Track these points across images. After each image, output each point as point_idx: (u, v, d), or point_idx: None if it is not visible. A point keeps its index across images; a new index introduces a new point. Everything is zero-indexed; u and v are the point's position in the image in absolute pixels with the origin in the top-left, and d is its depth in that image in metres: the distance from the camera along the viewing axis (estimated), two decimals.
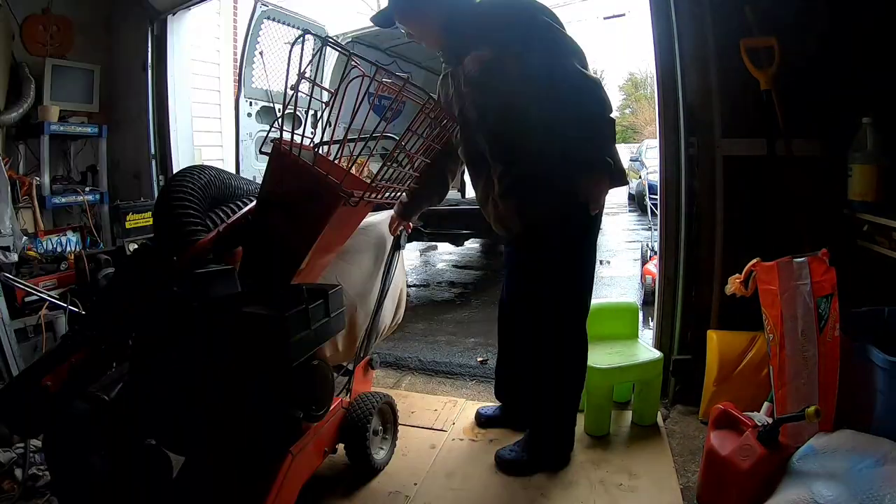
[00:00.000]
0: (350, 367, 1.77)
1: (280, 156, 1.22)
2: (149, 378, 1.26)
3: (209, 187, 1.32)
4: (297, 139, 1.23)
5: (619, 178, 1.54)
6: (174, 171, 3.05)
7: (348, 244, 1.57)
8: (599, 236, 1.74)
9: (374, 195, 1.30)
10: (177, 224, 1.21)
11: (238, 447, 1.26)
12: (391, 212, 1.83)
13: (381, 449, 1.72)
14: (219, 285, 1.15)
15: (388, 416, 1.77)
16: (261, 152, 1.99)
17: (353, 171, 1.35)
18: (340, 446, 1.61)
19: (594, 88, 1.42)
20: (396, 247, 1.85)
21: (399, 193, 1.44)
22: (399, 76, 1.22)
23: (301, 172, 1.20)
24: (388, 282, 1.80)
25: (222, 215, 1.34)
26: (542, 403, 1.70)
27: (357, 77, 1.14)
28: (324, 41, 1.20)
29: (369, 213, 1.62)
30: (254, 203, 1.38)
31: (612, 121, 1.48)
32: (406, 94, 1.21)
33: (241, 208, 1.39)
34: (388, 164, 1.27)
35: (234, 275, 1.19)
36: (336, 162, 1.29)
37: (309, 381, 1.31)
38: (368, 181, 1.30)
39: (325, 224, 1.24)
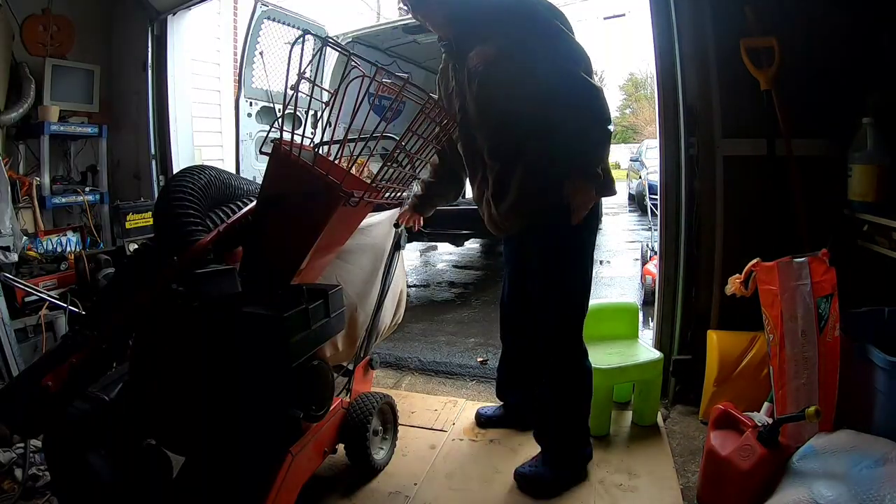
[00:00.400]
0: (350, 367, 1.77)
1: (280, 156, 1.22)
2: (149, 378, 1.25)
3: (209, 187, 1.33)
4: (298, 139, 1.24)
5: (608, 188, 1.53)
6: (174, 171, 3.06)
7: (347, 244, 1.57)
8: (600, 236, 1.74)
9: (374, 195, 1.30)
10: (177, 224, 1.21)
11: (238, 447, 1.26)
12: (391, 213, 1.83)
13: (381, 449, 1.72)
14: (219, 285, 1.16)
15: (388, 417, 1.77)
16: (261, 152, 2.00)
17: (353, 171, 1.35)
18: (341, 446, 1.62)
19: (598, 97, 1.40)
20: (397, 247, 1.85)
21: (399, 193, 1.44)
22: (399, 76, 1.22)
23: (301, 173, 1.20)
24: (389, 282, 1.81)
25: (222, 215, 1.34)
26: (552, 415, 1.64)
27: (357, 77, 1.14)
28: (324, 41, 1.20)
29: (369, 214, 1.62)
30: (254, 203, 1.38)
31: (610, 132, 1.46)
32: (406, 95, 1.21)
33: (241, 208, 1.39)
34: (389, 164, 1.27)
35: (234, 274, 1.19)
36: (336, 162, 1.29)
37: (309, 382, 1.31)
38: (368, 181, 1.30)
39: (325, 224, 1.24)
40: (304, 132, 1.25)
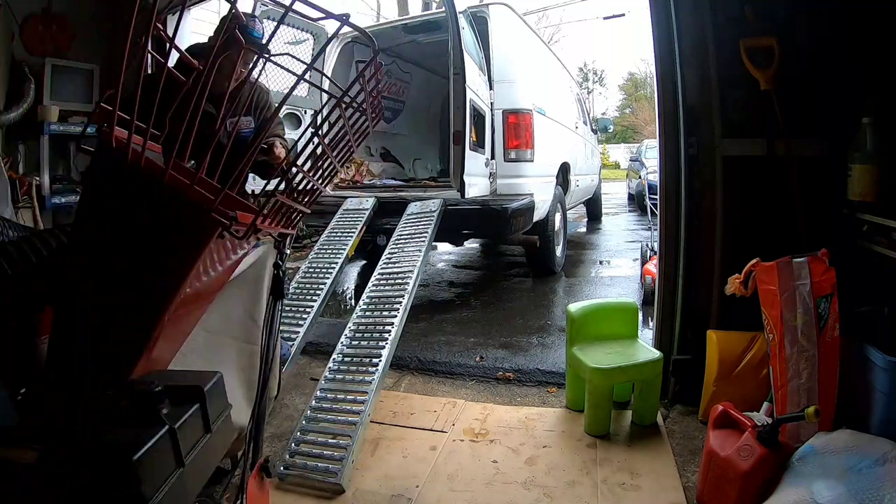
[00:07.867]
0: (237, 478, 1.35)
1: (110, 158, 0.78)
2: None
3: None
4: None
5: None
6: None
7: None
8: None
9: (266, 221, 0.91)
10: None
11: None
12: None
13: None
14: None
15: None
16: (80, 149, 1.39)
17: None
18: None
19: None
20: (279, 295, 1.26)
21: (298, 219, 1.08)
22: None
23: (146, 183, 0.76)
24: (273, 343, 1.24)
25: None
26: None
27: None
28: None
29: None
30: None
31: None
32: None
33: None
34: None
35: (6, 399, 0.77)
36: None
37: None
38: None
39: (189, 269, 0.81)
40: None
